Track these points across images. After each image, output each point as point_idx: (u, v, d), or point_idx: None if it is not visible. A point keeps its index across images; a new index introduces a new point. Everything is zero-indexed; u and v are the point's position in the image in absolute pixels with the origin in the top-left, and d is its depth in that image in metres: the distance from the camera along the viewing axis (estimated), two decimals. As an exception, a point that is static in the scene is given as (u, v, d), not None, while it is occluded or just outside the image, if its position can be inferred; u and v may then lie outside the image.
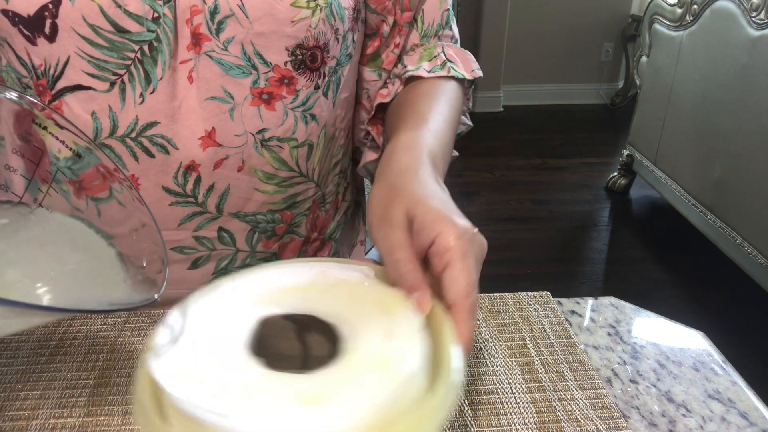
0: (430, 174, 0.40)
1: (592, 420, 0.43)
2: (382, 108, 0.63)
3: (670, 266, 2.08)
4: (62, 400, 0.44)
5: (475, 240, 0.34)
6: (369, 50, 0.62)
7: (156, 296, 0.32)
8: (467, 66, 0.62)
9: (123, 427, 0.42)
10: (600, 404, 0.44)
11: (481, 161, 2.89)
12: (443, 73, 0.60)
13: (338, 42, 0.55)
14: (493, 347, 0.50)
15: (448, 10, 0.63)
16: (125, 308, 0.30)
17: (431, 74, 0.59)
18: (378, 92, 0.63)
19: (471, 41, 3.44)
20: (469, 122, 0.69)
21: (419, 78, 0.60)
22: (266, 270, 0.39)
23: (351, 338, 0.33)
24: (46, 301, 0.31)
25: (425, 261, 0.35)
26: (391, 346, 0.32)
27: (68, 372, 0.47)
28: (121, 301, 0.32)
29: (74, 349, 0.49)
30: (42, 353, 0.49)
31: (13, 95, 0.37)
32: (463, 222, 0.35)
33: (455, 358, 0.31)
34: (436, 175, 0.41)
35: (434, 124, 0.50)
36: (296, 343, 0.33)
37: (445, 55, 0.61)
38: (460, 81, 0.62)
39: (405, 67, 0.61)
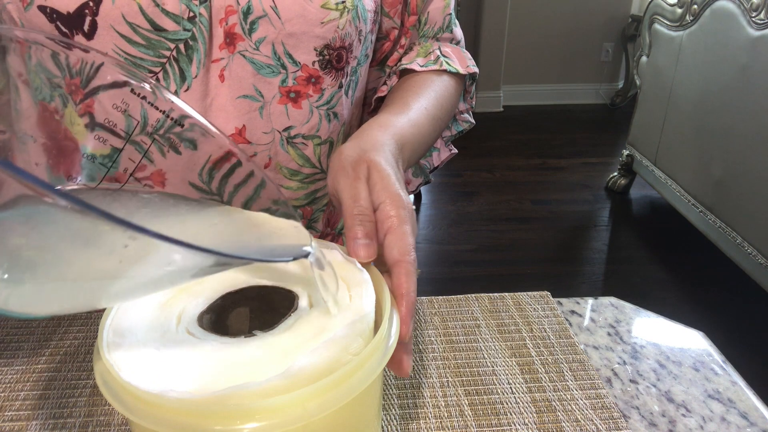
0: (393, 153, 0.44)
1: (592, 420, 0.43)
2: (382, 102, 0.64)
3: (670, 266, 2.08)
4: (62, 400, 0.44)
5: (413, 214, 0.39)
6: (379, 54, 0.64)
7: (308, 249, 0.33)
8: (462, 62, 0.64)
9: (123, 427, 0.42)
10: (600, 404, 0.44)
11: (481, 161, 2.89)
12: (436, 67, 0.61)
13: (360, 43, 0.56)
14: (493, 347, 0.50)
15: (450, 14, 0.65)
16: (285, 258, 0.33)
17: (424, 68, 0.61)
18: (379, 88, 0.65)
19: (471, 41, 3.44)
20: (471, 120, 0.70)
21: (412, 71, 0.61)
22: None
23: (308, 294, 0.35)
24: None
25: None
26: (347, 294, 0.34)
27: (68, 372, 0.47)
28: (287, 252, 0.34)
29: (74, 349, 0.49)
30: (42, 353, 0.49)
31: (133, 81, 0.39)
32: (406, 197, 0.39)
33: (392, 318, 0.33)
34: (398, 157, 0.45)
35: (415, 114, 0.53)
36: (248, 312, 0.35)
37: (440, 51, 0.63)
38: (456, 76, 0.63)
39: (401, 62, 0.63)
